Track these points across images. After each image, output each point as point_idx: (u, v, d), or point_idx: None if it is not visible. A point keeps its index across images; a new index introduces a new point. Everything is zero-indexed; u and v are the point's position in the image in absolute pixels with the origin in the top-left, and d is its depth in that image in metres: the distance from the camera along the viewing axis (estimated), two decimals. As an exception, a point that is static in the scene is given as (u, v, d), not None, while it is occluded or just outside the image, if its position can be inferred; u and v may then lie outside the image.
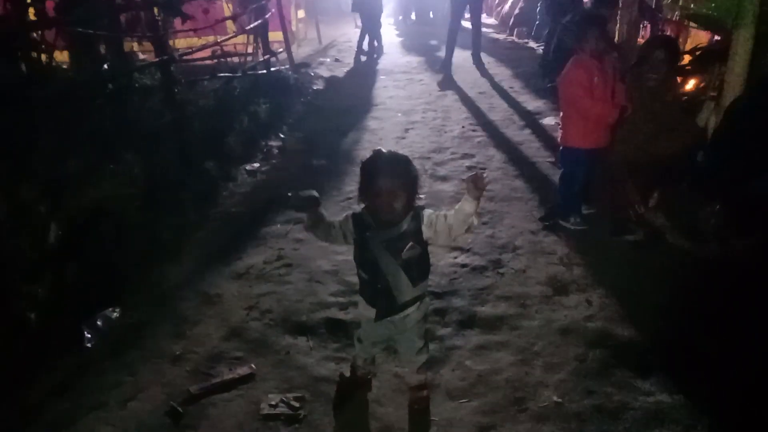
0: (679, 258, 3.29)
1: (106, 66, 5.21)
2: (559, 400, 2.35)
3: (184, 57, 5.15)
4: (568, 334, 2.74)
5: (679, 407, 2.27)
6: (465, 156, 5.05)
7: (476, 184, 1.92)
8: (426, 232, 2.04)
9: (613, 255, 3.42)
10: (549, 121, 5.73)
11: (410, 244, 2.03)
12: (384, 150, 2.08)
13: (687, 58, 4.68)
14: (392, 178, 1.95)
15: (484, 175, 1.95)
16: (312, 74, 8.17)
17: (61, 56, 5.81)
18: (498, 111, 6.32)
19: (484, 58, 8.72)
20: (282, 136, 5.74)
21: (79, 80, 5.04)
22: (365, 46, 9.88)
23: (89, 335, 2.91)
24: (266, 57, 6.78)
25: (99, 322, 2.98)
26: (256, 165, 5.10)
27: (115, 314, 3.05)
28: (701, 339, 2.63)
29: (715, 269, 3.09)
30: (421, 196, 2.15)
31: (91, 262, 3.38)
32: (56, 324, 2.91)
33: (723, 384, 2.37)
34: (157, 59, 4.43)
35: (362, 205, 2.09)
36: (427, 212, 2.05)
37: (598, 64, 3.39)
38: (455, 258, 3.44)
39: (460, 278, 3.25)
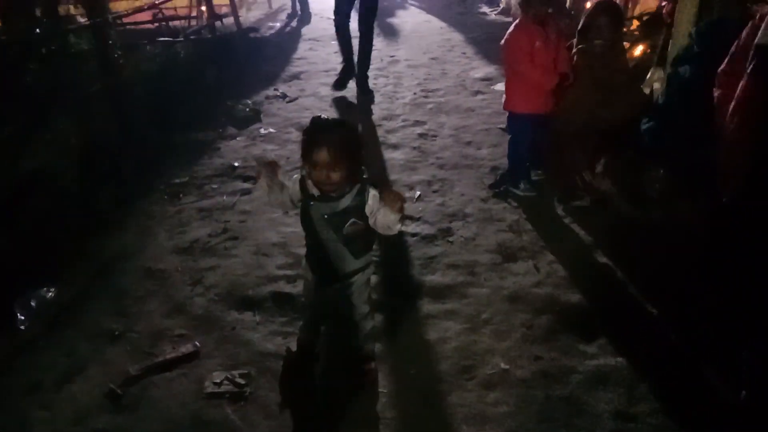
0: (624, 223, 3.34)
1: (38, 30, 4.92)
2: (507, 366, 2.36)
3: (121, 19, 4.88)
4: (516, 301, 2.76)
5: (622, 369, 2.32)
6: (416, 123, 4.99)
7: (393, 202, 1.88)
8: (368, 211, 1.99)
9: (562, 221, 3.45)
10: (501, 87, 5.68)
11: (352, 220, 1.97)
12: (325, 116, 2.00)
13: (635, 24, 4.70)
14: (331, 148, 1.85)
15: (410, 195, 1.93)
16: (260, 39, 7.90)
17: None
18: (450, 77, 6.25)
19: (437, 22, 8.59)
20: (229, 103, 5.54)
21: (9, 42, 4.75)
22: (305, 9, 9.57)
23: (22, 316, 2.77)
24: (211, 21, 6.50)
25: (32, 302, 2.83)
26: (201, 133, 4.92)
27: (50, 293, 2.91)
28: (645, 303, 2.70)
29: (660, 234, 3.15)
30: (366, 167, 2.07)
31: (23, 236, 3.22)
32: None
33: (665, 346, 2.43)
34: (90, 21, 4.16)
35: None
36: (372, 193, 1.98)
37: (541, 29, 3.35)
38: (405, 227, 3.40)
39: (410, 247, 3.22)
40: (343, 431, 2.13)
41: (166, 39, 5.56)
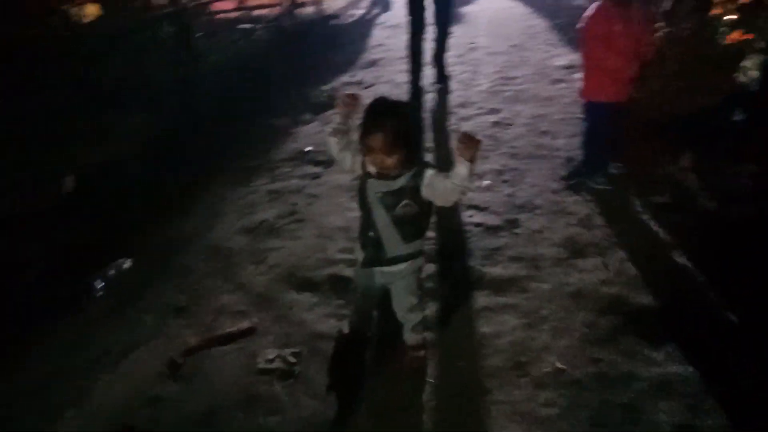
0: (708, 222, 3.09)
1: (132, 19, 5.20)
2: (562, 366, 2.26)
3: (205, 7, 5.06)
4: (579, 298, 2.63)
5: (690, 380, 2.15)
6: (491, 111, 4.85)
7: (467, 144, 1.79)
8: (425, 192, 1.94)
9: (638, 217, 3.24)
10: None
11: (405, 201, 1.94)
12: (387, 98, 1.96)
13: (733, 8, 4.34)
14: (385, 134, 1.83)
15: (477, 137, 1.82)
16: (340, 26, 7.96)
17: (92, 9, 5.84)
18: (530, 65, 6.03)
19: (520, 8, 8.31)
20: (305, 89, 5.63)
21: (102, 35, 5.05)
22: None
23: (99, 285, 2.95)
24: (292, 8, 6.61)
25: (110, 272, 3.02)
26: (277, 118, 5.03)
27: (125, 265, 3.08)
28: (724, 310, 2.49)
29: (747, 235, 2.90)
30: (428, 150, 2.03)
31: (105, 214, 3.42)
32: (69, 273, 2.96)
33: (741, 359, 2.23)
34: (170, 10, 4.34)
35: None
36: (429, 173, 1.92)
37: (623, 11, 3.14)
38: (470, 216, 3.32)
39: (473, 237, 3.14)
40: (386, 417, 2.11)
41: (246, 26, 5.69)
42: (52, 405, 2.28)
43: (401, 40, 7.58)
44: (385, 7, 9.51)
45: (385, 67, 6.39)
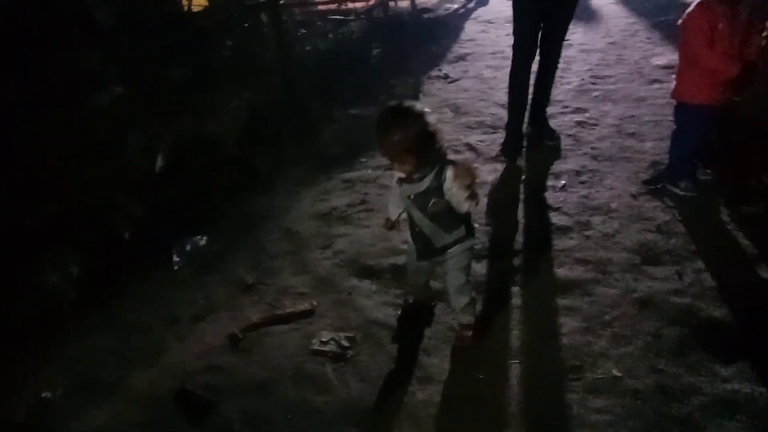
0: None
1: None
2: (619, 374, 2.17)
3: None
4: (647, 306, 2.50)
5: (759, 400, 2.01)
6: (577, 110, 4.69)
7: (461, 182, 1.86)
8: (448, 189, 1.97)
9: (724, 227, 3.03)
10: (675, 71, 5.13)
11: (433, 200, 1.99)
12: (397, 105, 1.98)
13: None
14: (390, 147, 1.90)
15: (475, 166, 1.98)
16: (433, 19, 7.95)
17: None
18: (626, 63, 5.76)
19: (622, 4, 7.94)
20: (392, 82, 5.69)
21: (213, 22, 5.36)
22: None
23: (177, 258, 3.15)
24: (386, 1, 6.68)
25: (188, 247, 3.21)
26: (361, 109, 5.12)
27: (202, 241, 3.27)
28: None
29: None
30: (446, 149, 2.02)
31: (190, 188, 3.64)
32: (151, 242, 3.19)
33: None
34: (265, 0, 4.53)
35: None
36: (449, 174, 1.95)
37: (729, 9, 2.93)
38: (541, 217, 3.25)
39: (542, 238, 3.07)
40: (431, 410, 2.12)
41: (338, 17, 5.82)
42: (128, 360, 2.47)
43: (494, 34, 7.53)
44: (482, 1, 9.39)
45: (473, 62, 6.33)
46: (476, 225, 3.19)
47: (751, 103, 3.11)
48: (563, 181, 3.59)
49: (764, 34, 3.05)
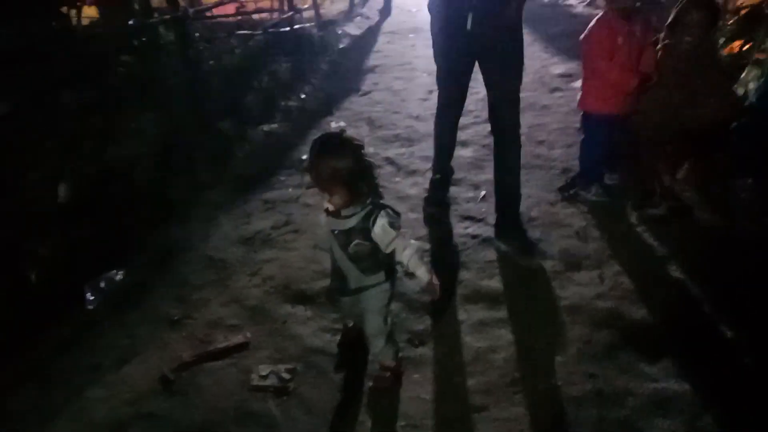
0: (705, 235, 3.09)
1: (131, 22, 5.17)
2: (558, 383, 2.24)
3: (205, 12, 5.05)
4: (575, 312, 2.61)
5: (686, 396, 2.14)
6: (487, 120, 4.84)
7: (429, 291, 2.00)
8: (376, 237, 1.93)
9: (634, 230, 3.24)
10: (580, 84, 5.43)
11: (356, 241, 1.93)
12: (332, 134, 1.91)
13: (732, 18, 4.34)
14: (325, 175, 1.84)
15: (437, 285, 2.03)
16: (339, 32, 7.96)
17: (90, 11, 5.82)
18: (528, 73, 5.91)
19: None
20: (302, 96, 5.63)
21: (106, 34, 5.03)
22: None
23: (92, 296, 2.92)
24: (290, 14, 6.61)
25: (102, 284, 2.99)
26: (274, 126, 5.01)
27: (118, 276, 3.05)
28: (719, 325, 2.48)
29: (744, 249, 2.89)
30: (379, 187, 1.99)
31: (99, 221, 3.39)
32: (60, 283, 2.93)
33: (739, 374, 2.23)
34: (170, 16, 4.33)
35: None
36: (381, 222, 1.89)
37: (626, 23, 3.14)
38: (466, 228, 3.32)
39: (469, 250, 3.13)
40: (382, 436, 2.10)
41: (245, 32, 5.68)
42: (50, 417, 2.25)
43: (399, 45, 7.65)
44: (386, 12, 9.52)
45: (382, 74, 6.40)
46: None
47: (649, 112, 3.33)
48: (483, 192, 3.69)
49: (657, 47, 3.29)
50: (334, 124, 4.81)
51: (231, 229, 3.49)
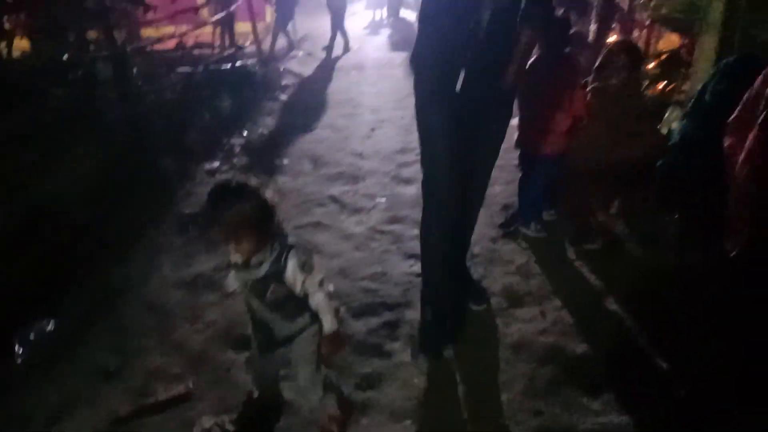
0: (637, 268, 3.23)
1: (66, 56, 5.03)
2: (506, 421, 2.26)
3: (142, 48, 4.97)
4: (519, 349, 2.66)
5: (628, 429, 2.20)
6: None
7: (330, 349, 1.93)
8: (288, 280, 1.86)
9: (572, 264, 3.35)
10: (517, 122, 5.63)
11: (272, 287, 1.86)
12: (228, 181, 1.82)
13: (655, 62, 4.63)
14: (228, 224, 1.76)
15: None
16: (281, 69, 8.00)
17: (22, 44, 5.62)
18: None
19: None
20: (245, 133, 5.59)
21: (36, 69, 4.87)
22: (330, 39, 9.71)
23: (20, 348, 2.76)
24: (232, 50, 6.59)
25: (32, 335, 2.83)
26: (216, 164, 4.95)
27: (50, 325, 2.90)
28: (655, 355, 2.57)
29: (674, 281, 3.03)
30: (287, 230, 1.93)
31: (30, 265, 3.23)
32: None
33: (674, 404, 2.31)
34: (107, 52, 4.24)
35: None
36: (292, 264, 1.83)
37: (557, 67, 3.29)
38: (410, 266, 3.34)
39: (414, 288, 3.14)
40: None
41: (186, 70, 5.63)
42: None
43: (343, 81, 7.73)
44: (329, 49, 9.59)
45: (325, 111, 6.45)
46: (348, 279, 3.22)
47: (581, 149, 3.48)
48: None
49: (586, 90, 3.47)
50: (277, 162, 4.80)
51: (171, 271, 3.40)
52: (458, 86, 2.32)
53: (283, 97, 6.93)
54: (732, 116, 2.32)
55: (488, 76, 2.31)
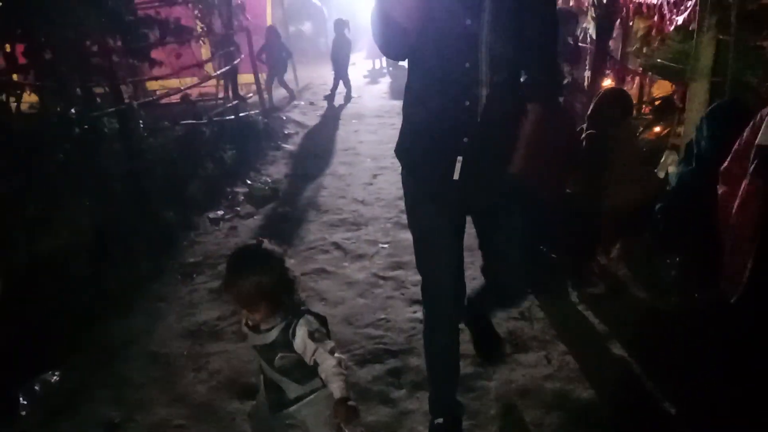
0: (640, 311, 3.23)
1: (73, 111, 5.14)
2: (514, 471, 2.24)
3: (148, 102, 5.10)
4: (526, 395, 2.64)
5: (637, 477, 2.18)
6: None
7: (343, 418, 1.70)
8: (298, 349, 1.80)
9: (575, 308, 3.35)
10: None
11: (281, 354, 1.82)
12: (247, 248, 1.84)
13: (648, 108, 4.74)
14: (242, 293, 1.73)
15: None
16: (284, 118, 8.17)
17: (30, 98, 5.76)
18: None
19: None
20: (248, 182, 5.67)
21: (43, 125, 4.97)
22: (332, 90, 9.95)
23: (25, 402, 2.75)
24: (235, 102, 6.75)
25: (36, 387, 2.82)
26: (220, 213, 5.01)
27: (54, 378, 2.90)
28: (660, 400, 2.56)
29: (677, 324, 3.03)
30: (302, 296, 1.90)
31: (34, 319, 3.24)
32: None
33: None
34: (114, 108, 4.35)
35: None
36: (300, 333, 1.77)
37: (550, 116, 3.36)
38: (414, 312, 3.34)
39: (418, 335, 3.13)
40: None
41: (190, 122, 5.75)
42: None
43: (343, 131, 7.88)
44: (330, 99, 9.81)
45: (327, 159, 6.56)
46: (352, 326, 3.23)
47: (581, 194, 3.54)
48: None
49: (582, 137, 3.55)
50: (280, 210, 4.84)
51: (175, 321, 3.40)
52: (456, 174, 1.93)
53: (286, 146, 7.05)
54: (724, 165, 2.36)
55: (492, 164, 1.97)
